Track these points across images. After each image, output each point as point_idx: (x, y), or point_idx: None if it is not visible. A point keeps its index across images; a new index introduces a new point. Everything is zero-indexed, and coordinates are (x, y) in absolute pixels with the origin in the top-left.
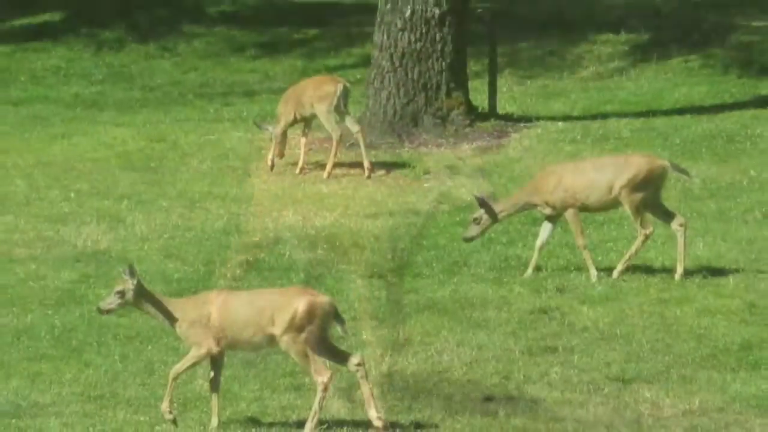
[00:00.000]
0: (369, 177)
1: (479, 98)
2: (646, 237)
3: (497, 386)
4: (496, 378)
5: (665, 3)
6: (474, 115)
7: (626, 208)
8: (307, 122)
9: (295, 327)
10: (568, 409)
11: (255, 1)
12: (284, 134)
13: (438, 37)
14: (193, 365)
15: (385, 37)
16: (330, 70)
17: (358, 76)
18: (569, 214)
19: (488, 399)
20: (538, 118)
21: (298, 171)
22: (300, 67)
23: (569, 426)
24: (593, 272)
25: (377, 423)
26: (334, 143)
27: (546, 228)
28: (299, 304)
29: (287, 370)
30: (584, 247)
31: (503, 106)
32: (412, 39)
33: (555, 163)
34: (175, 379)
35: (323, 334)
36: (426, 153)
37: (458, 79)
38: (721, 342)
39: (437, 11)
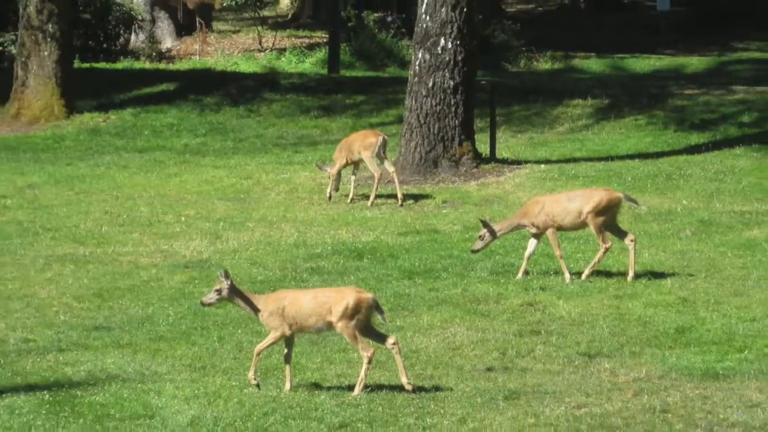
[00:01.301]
0: (401, 205)
1: (483, 147)
2: (606, 249)
3: (496, 360)
4: (495, 353)
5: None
6: (479, 159)
7: (591, 229)
8: (355, 165)
9: (347, 316)
10: (549, 377)
11: (317, 76)
12: (339, 174)
13: (452, 102)
14: (272, 344)
15: (414, 101)
16: (373, 126)
17: (394, 131)
18: (549, 232)
19: (489, 369)
20: (526, 162)
21: (349, 201)
22: (351, 124)
23: (549, 389)
24: (567, 276)
25: (407, 387)
26: (376, 180)
27: (532, 243)
28: (350, 299)
29: (341, 347)
30: (560, 257)
31: (501, 153)
32: (433, 103)
33: (539, 195)
34: (258, 354)
35: (367, 321)
36: (444, 188)
37: (467, 133)
38: (661, 327)
39: (452, 83)
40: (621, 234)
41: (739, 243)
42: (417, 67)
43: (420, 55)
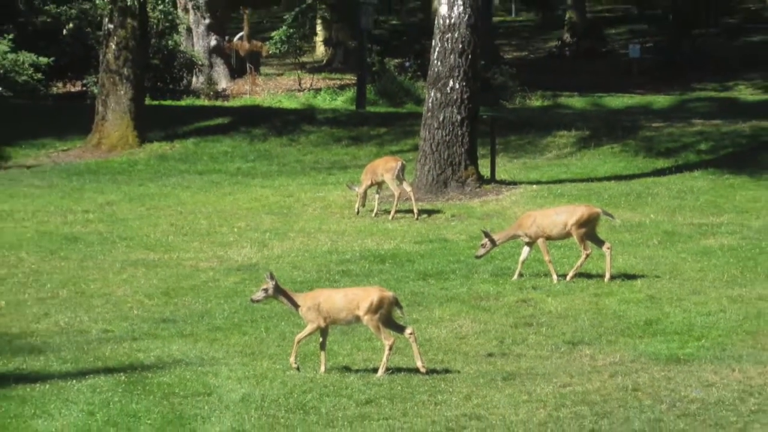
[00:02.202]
0: (417, 219)
1: (485, 171)
2: (587, 256)
3: (495, 347)
4: (495, 341)
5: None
6: (481, 181)
7: (575, 238)
8: (379, 185)
9: (372, 310)
10: (539, 361)
11: (347, 111)
12: (365, 192)
13: (459, 133)
14: (309, 334)
15: (427, 132)
16: (393, 153)
17: (410, 157)
18: (540, 241)
19: (490, 355)
20: (521, 183)
21: (373, 215)
22: (375, 152)
23: (540, 371)
24: (555, 277)
25: (422, 370)
26: (396, 198)
27: (525, 250)
28: (374, 296)
29: (367, 337)
30: (549, 262)
31: (500, 175)
32: (444, 134)
33: (531, 210)
34: (298, 342)
35: (389, 315)
36: (452, 204)
37: (472, 158)
38: (633, 320)
39: (459, 117)
40: (599, 242)
41: (697, 250)
42: (430, 104)
43: (432, 94)
